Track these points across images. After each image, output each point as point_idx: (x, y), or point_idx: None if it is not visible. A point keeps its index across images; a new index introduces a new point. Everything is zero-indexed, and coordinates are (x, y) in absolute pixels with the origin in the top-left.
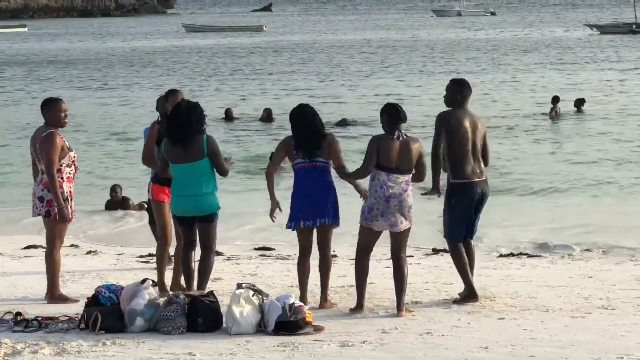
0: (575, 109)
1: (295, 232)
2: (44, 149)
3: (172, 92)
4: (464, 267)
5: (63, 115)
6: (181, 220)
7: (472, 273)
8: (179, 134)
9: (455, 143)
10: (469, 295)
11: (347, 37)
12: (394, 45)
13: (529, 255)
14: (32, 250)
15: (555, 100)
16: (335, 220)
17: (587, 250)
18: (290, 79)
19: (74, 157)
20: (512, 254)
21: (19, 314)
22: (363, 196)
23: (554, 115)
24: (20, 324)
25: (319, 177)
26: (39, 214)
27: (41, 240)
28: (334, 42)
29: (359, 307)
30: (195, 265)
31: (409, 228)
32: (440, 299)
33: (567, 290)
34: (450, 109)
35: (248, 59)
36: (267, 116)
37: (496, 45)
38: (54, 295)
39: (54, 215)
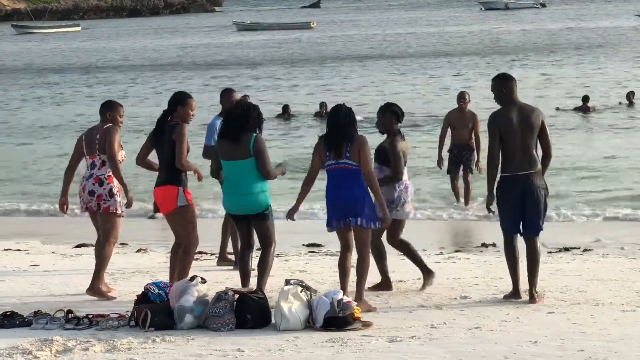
0: (628, 102)
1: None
2: (108, 140)
3: (227, 91)
4: (512, 263)
5: (120, 118)
6: (234, 218)
7: (534, 272)
8: (229, 131)
9: (504, 139)
10: (512, 293)
11: (401, 31)
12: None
13: (580, 250)
14: (82, 248)
15: (585, 99)
16: (369, 222)
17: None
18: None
19: (124, 156)
20: (563, 249)
21: (70, 311)
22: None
23: (592, 111)
24: (72, 321)
25: (348, 179)
26: (86, 208)
27: (91, 238)
28: (393, 37)
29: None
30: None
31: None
32: (489, 294)
33: (617, 284)
34: (501, 107)
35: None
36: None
37: (549, 39)
38: (94, 287)
39: (105, 209)
